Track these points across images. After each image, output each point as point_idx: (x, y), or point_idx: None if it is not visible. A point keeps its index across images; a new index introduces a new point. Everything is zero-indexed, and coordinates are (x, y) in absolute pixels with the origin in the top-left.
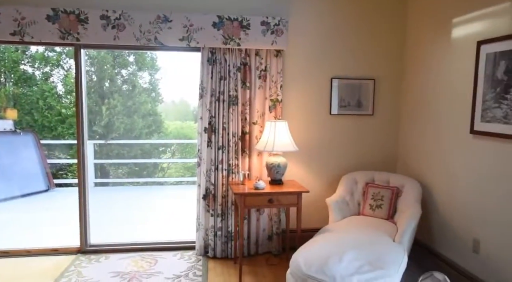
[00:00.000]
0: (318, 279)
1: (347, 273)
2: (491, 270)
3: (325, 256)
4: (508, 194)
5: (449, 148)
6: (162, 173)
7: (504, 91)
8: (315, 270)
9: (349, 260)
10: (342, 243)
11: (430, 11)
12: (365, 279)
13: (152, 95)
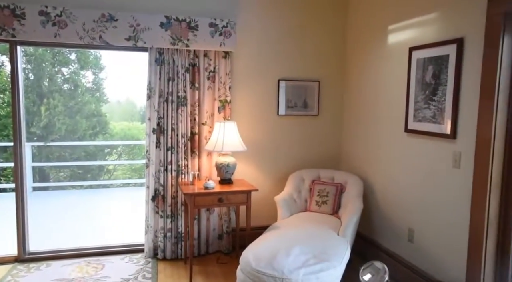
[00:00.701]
0: (267, 273)
1: (294, 266)
2: (424, 256)
3: (274, 251)
4: (437, 186)
5: (386, 145)
6: (108, 175)
7: (432, 93)
8: (264, 265)
9: (296, 254)
10: (290, 238)
11: (368, 18)
12: (311, 271)
13: (96, 95)
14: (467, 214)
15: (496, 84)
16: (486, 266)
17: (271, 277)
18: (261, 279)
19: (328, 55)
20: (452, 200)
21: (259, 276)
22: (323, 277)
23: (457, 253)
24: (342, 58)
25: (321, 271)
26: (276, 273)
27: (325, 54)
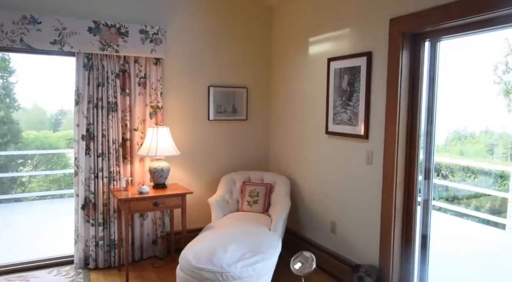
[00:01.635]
0: (207, 269)
1: (232, 260)
2: (345, 244)
3: (212, 249)
4: (354, 181)
5: (310, 146)
6: (21, 188)
7: (348, 99)
8: (204, 262)
9: (233, 250)
10: (226, 236)
11: (290, 30)
12: (248, 264)
13: (6, 101)
14: (379, 204)
15: (398, 91)
16: (394, 248)
17: (211, 272)
18: (202, 275)
19: (255, 64)
20: (366, 193)
21: (199, 273)
22: (259, 268)
23: (372, 239)
24: (268, 67)
25: (256, 262)
26: (216, 268)
27: (252, 63)
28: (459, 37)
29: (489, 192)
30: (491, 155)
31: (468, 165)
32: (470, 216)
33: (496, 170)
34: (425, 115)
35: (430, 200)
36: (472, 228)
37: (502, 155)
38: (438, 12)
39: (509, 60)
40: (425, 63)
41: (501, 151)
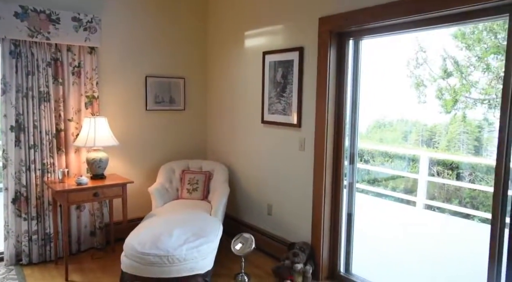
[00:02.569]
0: (153, 254)
1: (177, 244)
2: (281, 225)
3: (156, 235)
4: (288, 166)
5: (247, 135)
6: None
7: (282, 90)
8: (149, 247)
9: (177, 235)
10: (169, 223)
11: (226, 23)
12: (192, 246)
13: None
14: (310, 186)
15: (327, 84)
16: (324, 226)
17: (157, 256)
18: (147, 260)
19: (192, 54)
20: (299, 176)
21: (145, 258)
22: (203, 250)
23: (304, 219)
24: (204, 58)
25: (200, 245)
26: (162, 252)
27: (189, 53)
28: (379, 37)
29: (403, 174)
30: (406, 141)
31: (386, 150)
32: (388, 196)
33: (409, 154)
34: (350, 106)
35: (354, 182)
36: (389, 206)
37: (415, 141)
38: (360, 14)
39: (418, 57)
40: (349, 59)
41: (414, 138)
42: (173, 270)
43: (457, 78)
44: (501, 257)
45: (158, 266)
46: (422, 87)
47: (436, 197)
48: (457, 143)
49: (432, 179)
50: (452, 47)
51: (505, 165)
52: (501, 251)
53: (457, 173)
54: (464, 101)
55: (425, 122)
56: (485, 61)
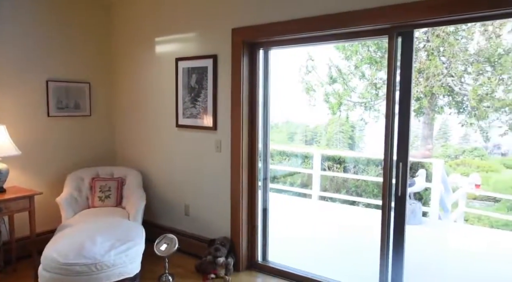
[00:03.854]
0: (80, 263)
1: (104, 251)
2: (199, 224)
3: (78, 244)
4: (205, 167)
5: (161, 139)
6: None
7: (197, 96)
8: (74, 257)
9: (101, 242)
10: (88, 231)
11: (134, 28)
12: (120, 251)
13: None
14: (228, 184)
15: (241, 90)
16: (243, 220)
17: (84, 265)
18: (73, 270)
19: (96, 58)
20: (216, 176)
21: (69, 268)
22: (131, 254)
23: (223, 215)
24: (110, 62)
25: (128, 249)
26: (89, 260)
27: (93, 58)
28: (285, 48)
29: (300, 170)
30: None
31: (283, 150)
32: (287, 191)
33: (303, 152)
34: (262, 110)
35: (268, 180)
36: (289, 200)
37: (299, 141)
38: (268, 28)
39: (308, 64)
40: (260, 67)
41: (299, 138)
42: (102, 277)
43: (341, 84)
44: (389, 234)
45: (86, 275)
46: (312, 92)
47: (328, 188)
48: (335, 142)
49: (324, 173)
50: (335, 57)
51: (390, 158)
52: (389, 229)
53: (344, 166)
54: (346, 104)
55: (307, 123)
56: (360, 69)
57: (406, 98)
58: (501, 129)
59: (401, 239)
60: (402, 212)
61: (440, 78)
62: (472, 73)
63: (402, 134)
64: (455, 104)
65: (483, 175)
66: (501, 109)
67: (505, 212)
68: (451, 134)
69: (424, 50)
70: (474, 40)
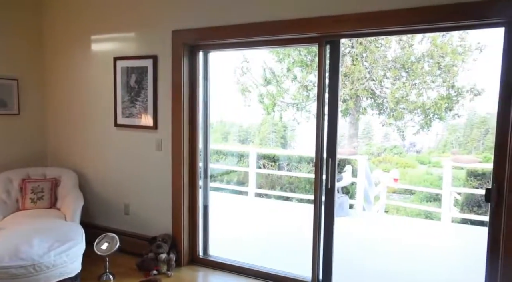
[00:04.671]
0: (16, 265)
1: (42, 252)
2: (140, 222)
3: (13, 246)
4: (145, 165)
5: (99, 139)
6: None
7: (136, 95)
8: (9, 259)
9: (38, 243)
10: (23, 233)
11: (68, 25)
12: (60, 252)
13: None
14: (169, 182)
15: (182, 91)
16: (184, 217)
17: (21, 267)
18: (9, 273)
19: (26, 55)
20: (157, 174)
21: (5, 271)
22: (72, 253)
23: (165, 213)
24: (42, 60)
25: (69, 249)
26: (27, 262)
27: (22, 54)
28: (223, 51)
29: (236, 168)
30: (226, 141)
31: (220, 149)
32: (224, 189)
33: (239, 150)
34: (202, 110)
35: (208, 178)
36: (227, 197)
37: (233, 141)
38: (207, 32)
39: (243, 66)
40: (200, 69)
41: (232, 138)
42: (41, 279)
43: (274, 85)
44: (321, 225)
45: (23, 277)
46: (247, 93)
47: (263, 185)
48: (268, 141)
49: (259, 171)
50: (269, 59)
51: (321, 155)
52: (321, 220)
53: (278, 164)
54: (280, 104)
55: (241, 123)
56: (292, 72)
57: (334, 100)
58: (414, 128)
59: (331, 229)
60: (331, 205)
61: (363, 82)
62: (390, 78)
63: (331, 133)
64: (376, 106)
65: (401, 171)
66: (414, 110)
67: (419, 203)
68: (374, 134)
69: (349, 55)
70: (392, 49)
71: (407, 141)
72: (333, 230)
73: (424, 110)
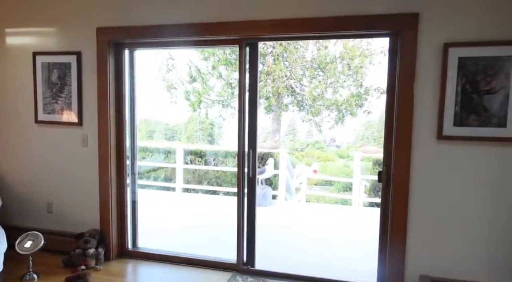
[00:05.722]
0: None
1: None
2: (65, 220)
3: None
4: (71, 162)
5: (18, 136)
6: None
7: (59, 91)
8: None
9: None
10: None
11: None
12: None
13: None
14: (96, 178)
15: (108, 87)
16: (112, 212)
17: None
18: None
19: None
20: (83, 170)
21: None
22: None
23: (92, 209)
24: None
25: None
26: None
27: None
28: (149, 49)
29: (164, 165)
30: (152, 139)
31: (146, 146)
32: (152, 186)
33: (166, 147)
34: (129, 107)
35: (136, 173)
36: (154, 194)
37: (159, 139)
38: (133, 31)
39: (169, 63)
40: (126, 66)
41: (158, 136)
42: None
43: (200, 83)
44: (244, 215)
45: None
46: (173, 90)
47: (190, 181)
48: (195, 139)
49: (186, 166)
50: (195, 57)
51: (243, 149)
52: (244, 211)
53: (205, 159)
54: (206, 101)
55: (167, 121)
56: (217, 70)
57: (254, 97)
58: (329, 123)
59: (253, 217)
60: (253, 194)
61: (284, 80)
62: (308, 77)
63: (251, 127)
64: (297, 103)
65: (322, 164)
66: (330, 107)
67: (337, 192)
68: (298, 130)
69: (271, 55)
70: (309, 50)
71: (328, 136)
72: (255, 217)
73: (338, 107)
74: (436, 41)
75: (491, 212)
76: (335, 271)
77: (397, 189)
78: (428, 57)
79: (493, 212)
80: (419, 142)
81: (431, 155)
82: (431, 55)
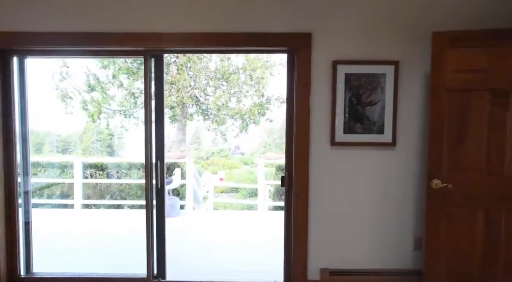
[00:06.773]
0: None
1: None
2: None
3: None
4: None
5: None
6: None
7: None
8: None
9: None
10: None
11: None
12: None
13: None
14: None
15: None
16: (0, 238)
17: None
18: None
19: None
20: None
21: None
22: None
23: None
24: None
25: None
26: None
27: None
28: (42, 58)
29: (59, 180)
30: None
31: (37, 160)
32: (45, 204)
33: (61, 161)
34: (19, 119)
35: (30, 192)
36: (49, 213)
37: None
38: (22, 37)
39: (63, 71)
40: (15, 74)
41: (48, 149)
42: None
43: (99, 92)
44: (153, 227)
45: None
46: (69, 99)
47: (91, 196)
48: (92, 151)
49: (86, 181)
50: (93, 65)
51: (150, 160)
52: (153, 223)
53: (107, 172)
54: (106, 112)
55: (59, 132)
56: (118, 79)
57: (160, 107)
58: (234, 132)
59: (162, 228)
60: (162, 206)
61: (188, 90)
62: (212, 86)
63: (158, 138)
64: (201, 112)
65: (227, 172)
66: (234, 116)
67: (243, 198)
68: (203, 139)
69: (175, 64)
70: (213, 60)
71: (232, 144)
72: (164, 229)
73: (242, 115)
74: (326, 58)
75: (375, 208)
76: (244, 273)
77: (298, 192)
78: (320, 72)
79: (376, 208)
80: (316, 148)
81: (326, 160)
82: (323, 70)
